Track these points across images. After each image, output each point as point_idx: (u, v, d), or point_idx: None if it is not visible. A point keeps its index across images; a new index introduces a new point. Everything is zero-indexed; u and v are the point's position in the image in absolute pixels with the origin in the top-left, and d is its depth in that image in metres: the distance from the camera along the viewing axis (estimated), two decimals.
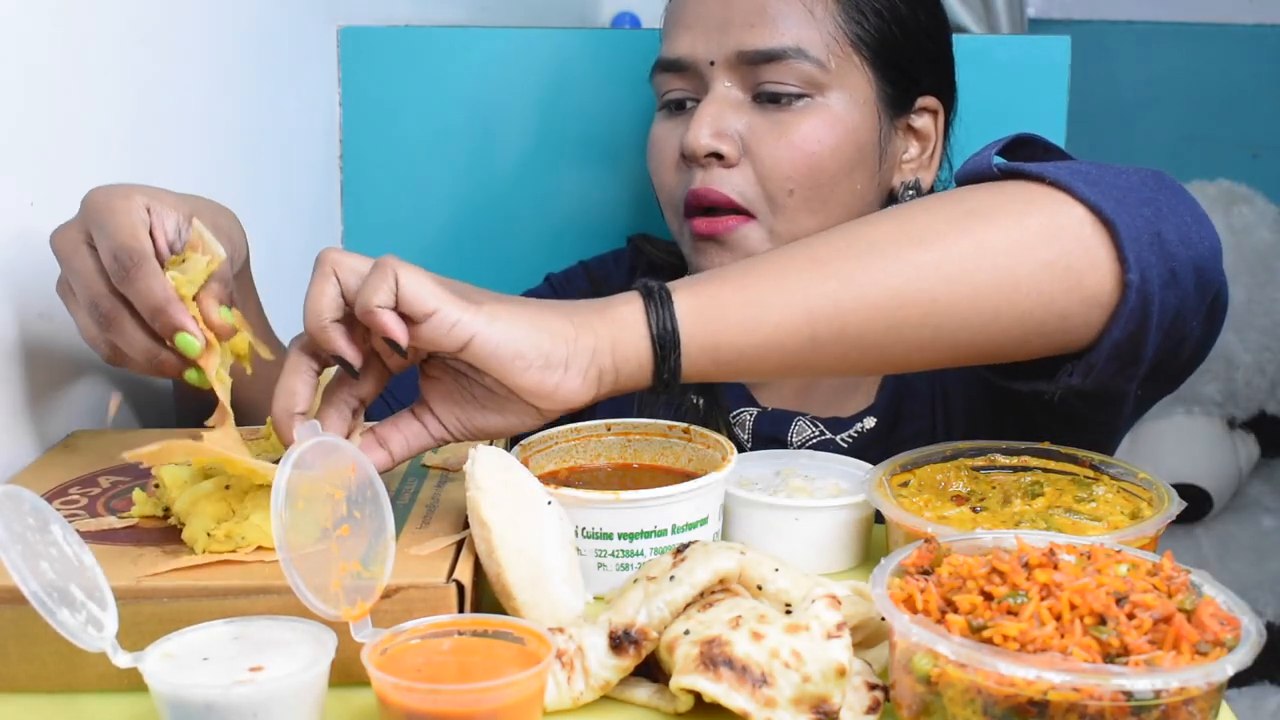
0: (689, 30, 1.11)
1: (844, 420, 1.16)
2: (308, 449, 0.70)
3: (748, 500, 0.89)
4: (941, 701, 0.64)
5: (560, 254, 1.39)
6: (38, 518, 0.67)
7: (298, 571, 0.67)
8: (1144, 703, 0.61)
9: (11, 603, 0.69)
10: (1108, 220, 0.83)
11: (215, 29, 1.21)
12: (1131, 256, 0.82)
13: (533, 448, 0.91)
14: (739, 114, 1.10)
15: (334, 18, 1.45)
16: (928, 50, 1.16)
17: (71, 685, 0.72)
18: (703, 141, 1.08)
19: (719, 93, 1.10)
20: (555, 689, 0.70)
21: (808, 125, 1.09)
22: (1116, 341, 0.84)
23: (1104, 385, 0.89)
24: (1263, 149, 3.19)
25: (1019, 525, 0.84)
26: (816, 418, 1.16)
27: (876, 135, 1.12)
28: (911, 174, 1.17)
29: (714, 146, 1.08)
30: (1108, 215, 0.83)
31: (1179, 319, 0.86)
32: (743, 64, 1.09)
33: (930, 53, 1.16)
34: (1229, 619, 0.66)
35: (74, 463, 0.91)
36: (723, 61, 1.10)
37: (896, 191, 1.16)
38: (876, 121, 1.12)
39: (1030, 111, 1.37)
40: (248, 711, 0.63)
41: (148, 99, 1.09)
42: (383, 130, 1.46)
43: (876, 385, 1.19)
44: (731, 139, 1.09)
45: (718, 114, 1.09)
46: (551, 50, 1.46)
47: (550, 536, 0.77)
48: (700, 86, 1.12)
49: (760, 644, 0.68)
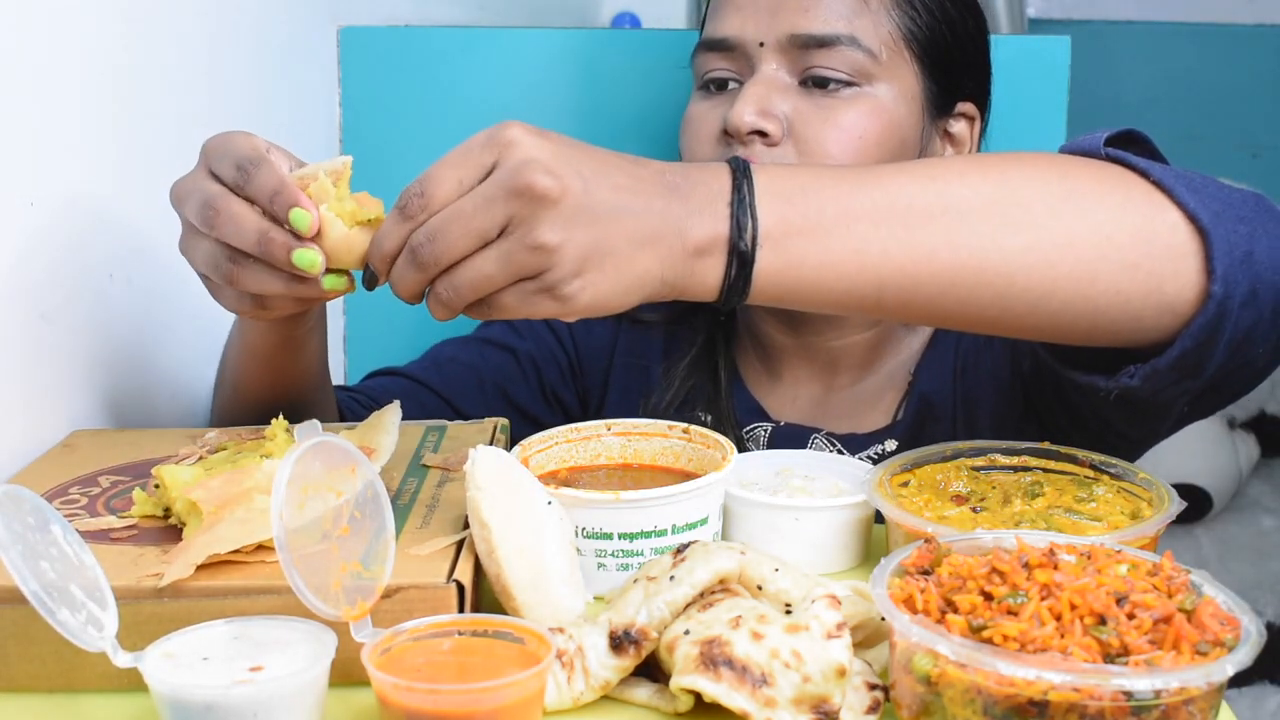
0: (738, 10, 1.10)
1: (861, 438, 1.16)
2: (308, 449, 0.70)
3: (748, 500, 0.89)
4: (941, 701, 0.64)
5: None
6: (38, 517, 0.67)
7: (298, 571, 0.67)
8: (1144, 703, 0.61)
9: (11, 603, 0.69)
10: (1203, 229, 0.82)
11: (215, 29, 1.21)
12: (1220, 269, 0.81)
13: (533, 448, 0.91)
14: (785, 96, 1.08)
15: (334, 18, 1.45)
16: (971, 55, 1.15)
17: (71, 685, 0.72)
18: (747, 119, 1.06)
19: (766, 73, 1.09)
20: (555, 689, 0.70)
21: (855, 112, 1.07)
22: (1185, 350, 0.83)
23: (1158, 393, 0.88)
24: (1263, 149, 3.19)
25: (1019, 525, 0.84)
26: (833, 434, 1.16)
27: (919, 133, 1.12)
28: None
29: (759, 124, 1.06)
30: (1204, 224, 0.81)
31: (1249, 340, 0.84)
32: (794, 48, 1.08)
33: (973, 58, 1.16)
34: (1229, 619, 0.66)
35: (74, 462, 0.91)
36: (773, 44, 1.08)
37: None
38: (920, 119, 1.12)
39: (1030, 111, 1.37)
40: (248, 711, 0.63)
41: (148, 99, 1.09)
42: (383, 130, 1.46)
43: (896, 401, 1.17)
44: (777, 119, 1.07)
45: (764, 94, 1.07)
46: (551, 50, 1.46)
47: (550, 536, 0.77)
48: (746, 67, 1.10)
49: (760, 644, 0.68)
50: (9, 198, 0.91)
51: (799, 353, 1.20)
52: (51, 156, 0.96)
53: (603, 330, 1.27)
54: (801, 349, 1.20)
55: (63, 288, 0.97)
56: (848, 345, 1.18)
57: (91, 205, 1.01)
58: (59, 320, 0.97)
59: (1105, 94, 3.12)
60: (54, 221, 0.95)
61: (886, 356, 1.19)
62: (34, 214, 0.93)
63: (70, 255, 0.98)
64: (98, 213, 1.02)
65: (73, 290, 0.99)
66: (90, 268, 1.01)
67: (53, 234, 0.96)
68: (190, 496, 0.77)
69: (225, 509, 0.76)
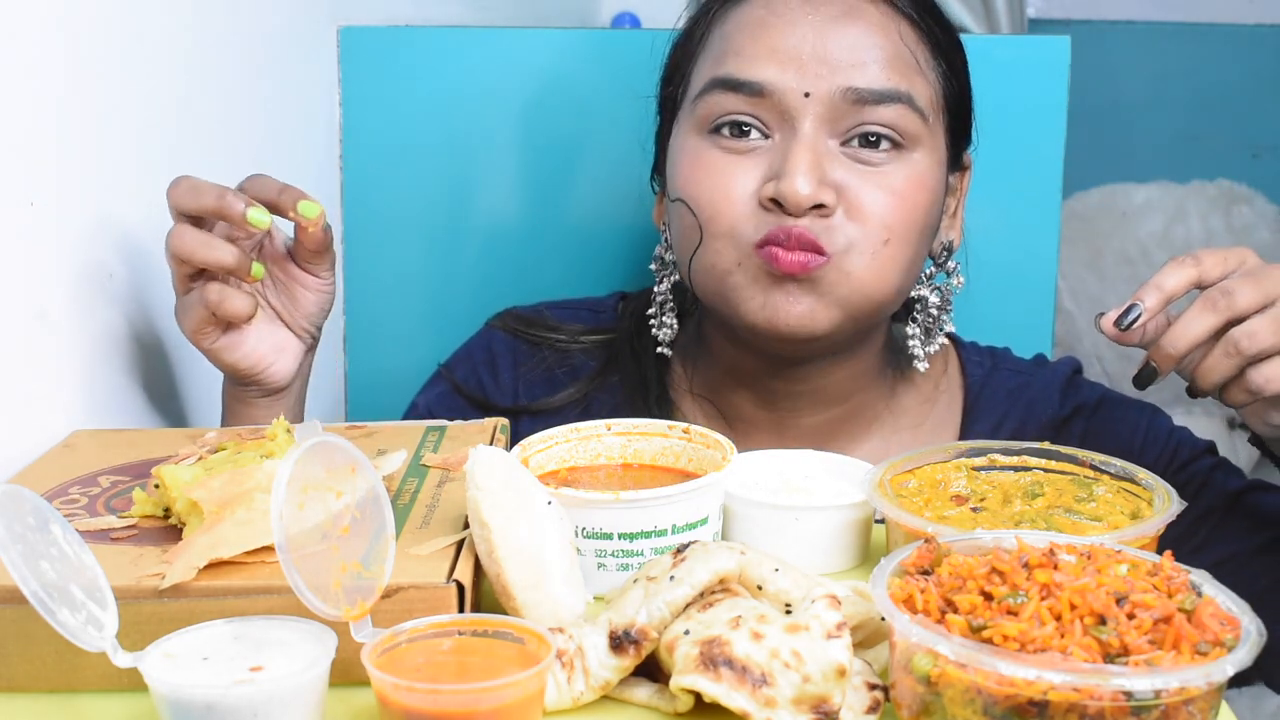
0: (775, 56, 1.04)
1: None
2: (308, 449, 0.70)
3: (748, 500, 0.89)
4: (941, 701, 0.64)
5: (560, 254, 1.39)
6: (38, 517, 0.67)
7: (298, 571, 0.67)
8: (1144, 703, 0.61)
9: (11, 603, 0.69)
10: None
11: (215, 29, 1.21)
12: None
13: (533, 447, 0.91)
14: (832, 161, 1.03)
15: (334, 18, 1.45)
16: (971, 106, 1.14)
17: (71, 685, 0.72)
18: (806, 192, 1.00)
19: (810, 134, 1.03)
20: (555, 689, 0.70)
21: (903, 179, 1.04)
22: None
23: None
24: (1263, 149, 3.19)
25: (1019, 525, 0.84)
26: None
27: (943, 196, 1.10)
28: (945, 234, 1.14)
29: (819, 198, 1.01)
30: None
31: None
32: (845, 102, 1.03)
33: (971, 109, 1.14)
34: (1229, 619, 0.66)
35: (74, 462, 0.91)
36: (822, 96, 1.03)
37: (934, 253, 1.13)
38: (944, 182, 1.10)
39: (1030, 111, 1.38)
40: (248, 711, 0.63)
41: (147, 99, 1.09)
42: (383, 130, 1.46)
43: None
44: (831, 189, 1.02)
45: (816, 161, 1.02)
46: (551, 50, 1.45)
47: (550, 536, 0.77)
48: (778, 118, 1.04)
49: (760, 644, 0.68)
50: (9, 198, 0.91)
51: (768, 428, 1.17)
52: (51, 156, 0.96)
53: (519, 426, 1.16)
54: (773, 424, 1.16)
55: (63, 288, 0.97)
56: (814, 423, 1.16)
57: (91, 205, 1.01)
58: (59, 320, 0.97)
59: (1105, 94, 3.12)
60: (54, 221, 0.95)
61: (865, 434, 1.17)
62: (34, 214, 0.93)
63: (70, 255, 0.98)
64: (98, 213, 1.02)
65: (73, 290, 0.99)
66: (90, 268, 1.01)
67: (53, 234, 0.96)
68: (191, 496, 0.77)
69: (226, 509, 0.76)
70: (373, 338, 1.49)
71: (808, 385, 1.14)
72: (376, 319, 1.49)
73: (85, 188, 1.00)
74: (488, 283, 1.46)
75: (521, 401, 1.20)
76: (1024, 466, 0.93)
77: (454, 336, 1.31)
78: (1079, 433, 1.16)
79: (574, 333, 1.24)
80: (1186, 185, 3.10)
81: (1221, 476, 1.14)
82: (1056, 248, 1.42)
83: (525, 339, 1.23)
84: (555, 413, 1.19)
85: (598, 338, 1.23)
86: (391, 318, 1.49)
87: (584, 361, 1.22)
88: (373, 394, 1.49)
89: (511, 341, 1.24)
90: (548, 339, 1.23)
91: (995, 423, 1.17)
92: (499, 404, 1.21)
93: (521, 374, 1.22)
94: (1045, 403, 1.18)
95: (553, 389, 1.21)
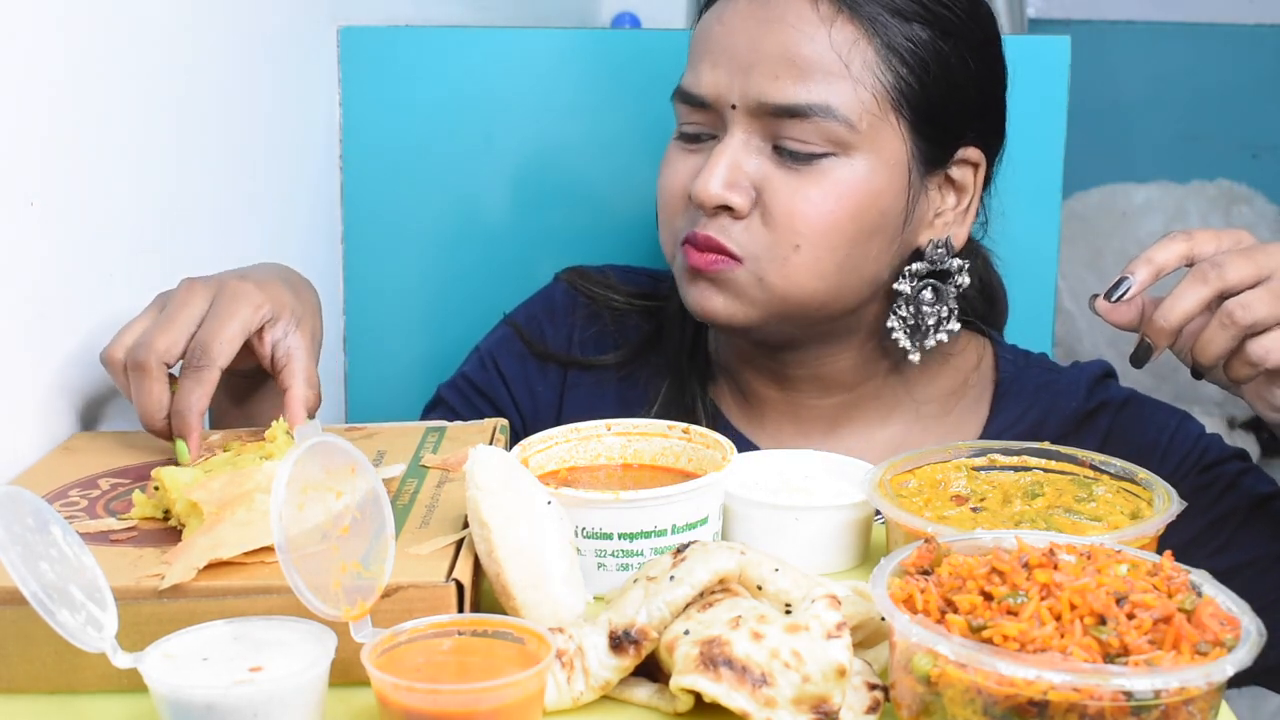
0: (713, 67, 1.06)
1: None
2: (307, 450, 0.70)
3: (748, 500, 0.89)
4: (941, 701, 0.64)
5: (560, 254, 1.39)
6: (37, 519, 0.67)
7: (298, 571, 0.67)
8: (1144, 703, 0.61)
9: (11, 603, 0.69)
10: None
11: (215, 29, 1.21)
12: None
13: (533, 448, 0.91)
14: (757, 162, 1.05)
15: (334, 18, 1.45)
16: (974, 101, 1.10)
17: (71, 685, 0.72)
18: (713, 192, 1.03)
19: (736, 140, 1.05)
20: (555, 689, 0.70)
21: (828, 184, 1.03)
22: None
23: None
24: (1263, 149, 3.19)
25: (1019, 525, 0.84)
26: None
27: (904, 198, 1.07)
28: (944, 230, 1.11)
29: (724, 199, 1.04)
30: None
31: None
32: (764, 114, 1.04)
33: (977, 104, 1.10)
34: (1229, 619, 0.66)
35: (74, 465, 0.91)
36: (744, 108, 1.04)
37: (924, 249, 1.10)
38: (906, 183, 1.07)
39: (1030, 111, 1.37)
40: (248, 711, 0.63)
41: (147, 99, 1.09)
42: (383, 130, 1.46)
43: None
44: (744, 189, 1.04)
45: (731, 163, 1.04)
46: (551, 50, 1.46)
47: (550, 536, 0.77)
48: (720, 124, 1.07)
49: (760, 644, 0.68)
50: (9, 198, 0.91)
51: (784, 408, 1.18)
52: (51, 156, 0.96)
53: (546, 390, 1.24)
54: (787, 404, 1.18)
55: (63, 288, 0.97)
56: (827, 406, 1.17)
57: (91, 205, 1.01)
58: (59, 320, 0.97)
59: (1105, 94, 3.12)
60: (54, 221, 0.95)
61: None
62: (34, 214, 0.93)
63: (70, 255, 0.98)
64: (98, 213, 1.02)
65: (73, 290, 0.99)
66: (90, 268, 1.01)
67: (53, 234, 0.96)
68: (191, 498, 0.77)
69: (226, 510, 0.76)
70: (373, 338, 1.50)
71: (804, 370, 1.15)
72: (376, 319, 1.49)
73: (85, 188, 1.00)
74: (487, 283, 1.46)
75: (575, 354, 1.24)
76: (1024, 466, 0.93)
77: (453, 337, 1.31)
78: (1104, 428, 1.16)
79: (629, 295, 1.27)
80: (1186, 185, 3.11)
81: (1250, 481, 1.13)
82: (1056, 248, 1.42)
83: (586, 295, 1.27)
84: (605, 369, 1.24)
85: (651, 303, 1.27)
86: (391, 318, 1.49)
87: (638, 324, 1.26)
88: (373, 395, 1.50)
89: (574, 295, 1.28)
90: (605, 297, 1.27)
91: (1019, 414, 1.17)
92: (556, 352, 1.25)
93: (578, 327, 1.26)
94: (1070, 396, 1.18)
95: (603, 349, 1.25)
